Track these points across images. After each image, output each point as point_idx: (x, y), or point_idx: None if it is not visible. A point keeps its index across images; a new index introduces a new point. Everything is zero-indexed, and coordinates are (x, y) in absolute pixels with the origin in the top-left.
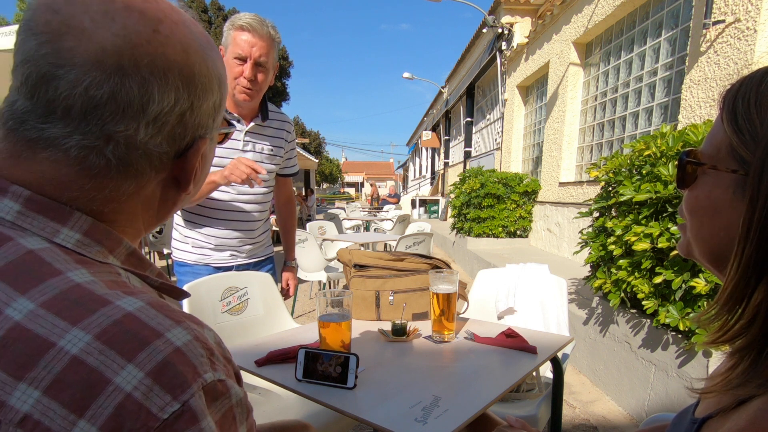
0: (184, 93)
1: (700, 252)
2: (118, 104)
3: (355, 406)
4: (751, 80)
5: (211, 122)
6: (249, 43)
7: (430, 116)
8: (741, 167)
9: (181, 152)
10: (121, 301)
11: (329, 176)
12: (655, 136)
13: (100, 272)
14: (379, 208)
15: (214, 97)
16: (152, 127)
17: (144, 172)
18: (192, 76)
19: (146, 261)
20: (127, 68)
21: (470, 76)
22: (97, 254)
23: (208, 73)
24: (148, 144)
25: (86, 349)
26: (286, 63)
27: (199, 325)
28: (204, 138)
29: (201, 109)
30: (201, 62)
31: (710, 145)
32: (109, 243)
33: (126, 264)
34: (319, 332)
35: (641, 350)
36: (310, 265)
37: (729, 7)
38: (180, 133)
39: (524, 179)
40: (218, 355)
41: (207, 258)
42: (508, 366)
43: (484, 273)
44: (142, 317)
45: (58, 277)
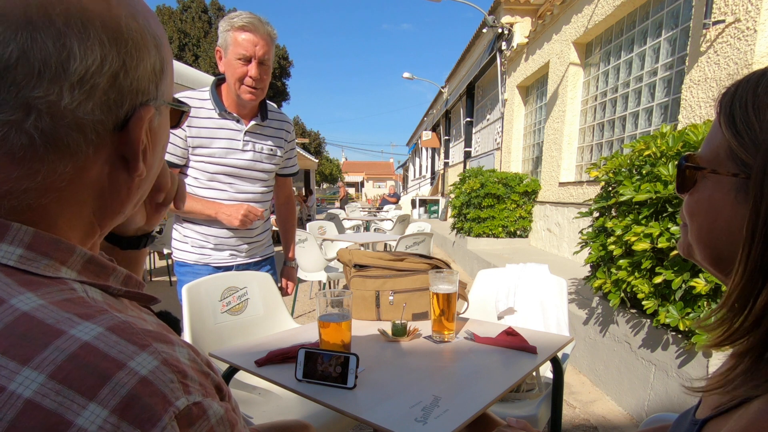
0: (112, 49)
1: (701, 254)
2: (31, 64)
3: (355, 406)
4: (748, 83)
5: (153, 89)
6: (252, 42)
7: (430, 116)
8: (742, 170)
9: (122, 123)
10: (76, 329)
11: (329, 176)
12: (655, 136)
13: (50, 292)
14: (341, 208)
15: (152, 59)
16: (78, 90)
17: (79, 148)
18: (118, 30)
19: (108, 266)
20: (37, 20)
21: (470, 76)
22: (45, 269)
23: (139, 28)
24: (77, 111)
25: (41, 390)
26: (286, 63)
27: (168, 343)
28: (147, 106)
29: (137, 71)
30: (128, 15)
31: (709, 148)
32: (58, 254)
33: (83, 274)
34: (319, 332)
35: (641, 350)
36: (310, 265)
37: (729, 7)
38: (115, 99)
39: (524, 179)
40: (192, 374)
41: (207, 258)
42: (508, 366)
43: (484, 273)
44: (100, 347)
45: (1, 306)
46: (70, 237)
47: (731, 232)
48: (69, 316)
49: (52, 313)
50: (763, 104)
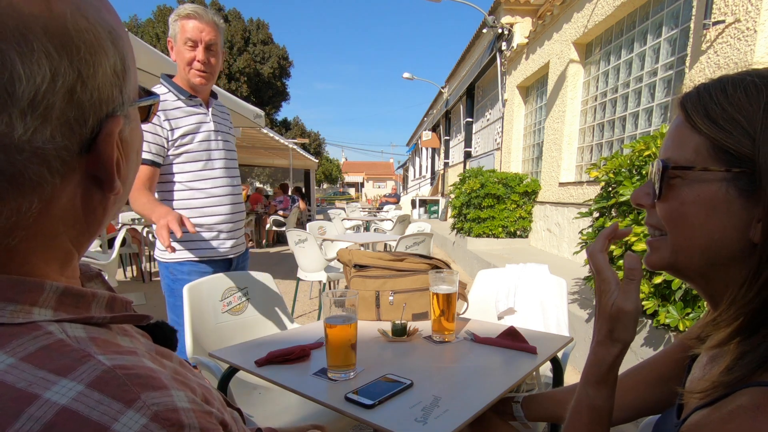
0: (62, 60)
1: (687, 262)
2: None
3: (355, 406)
4: (710, 88)
5: (117, 94)
6: (198, 29)
7: (430, 116)
8: (733, 164)
9: (88, 143)
10: (52, 391)
11: (329, 176)
12: (655, 136)
13: (21, 344)
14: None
15: (110, 60)
16: (31, 116)
17: (44, 180)
18: (66, 34)
19: (87, 294)
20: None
21: (470, 76)
22: (14, 315)
23: (90, 26)
24: (34, 141)
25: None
26: (286, 63)
27: (161, 389)
28: (114, 116)
29: (96, 80)
30: (74, 12)
31: (684, 150)
32: (24, 296)
33: (60, 309)
34: (325, 333)
35: (641, 350)
36: (310, 265)
37: (729, 7)
38: (76, 118)
39: (524, 179)
40: (192, 421)
41: (191, 254)
42: (508, 366)
43: (484, 273)
44: (81, 410)
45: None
46: (47, 272)
47: (725, 231)
48: (43, 375)
49: (24, 373)
50: (739, 102)
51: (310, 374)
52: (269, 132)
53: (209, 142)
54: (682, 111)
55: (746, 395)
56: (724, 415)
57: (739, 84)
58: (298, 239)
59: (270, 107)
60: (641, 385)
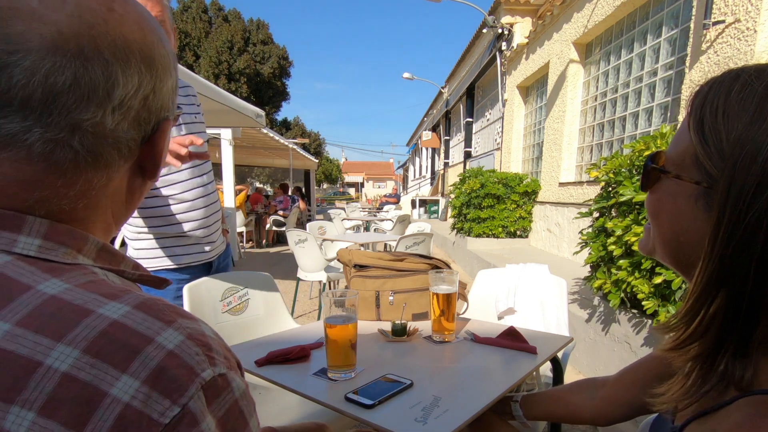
0: (147, 75)
1: (661, 254)
2: (82, 90)
3: (355, 406)
4: (721, 85)
5: (171, 104)
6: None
7: (430, 116)
8: (704, 179)
9: (148, 137)
10: (104, 309)
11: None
12: (655, 136)
13: (74, 277)
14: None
15: (172, 79)
16: (118, 113)
17: (114, 162)
18: (152, 57)
19: (119, 254)
20: (88, 51)
21: (470, 76)
22: (64, 256)
23: (166, 53)
24: (117, 131)
25: (76, 364)
26: (286, 63)
27: (192, 320)
28: (168, 119)
29: (162, 92)
30: (157, 41)
31: (676, 150)
32: (74, 242)
33: (98, 260)
34: (325, 333)
35: (641, 350)
36: (310, 265)
37: (729, 7)
38: (145, 118)
39: (524, 179)
40: (217, 347)
41: (168, 260)
42: (508, 366)
43: (484, 273)
44: (129, 324)
45: (28, 292)
46: (94, 235)
47: (689, 236)
48: (95, 297)
49: (79, 294)
50: (733, 111)
51: (310, 374)
52: (269, 132)
53: (171, 135)
54: (687, 106)
55: (745, 405)
56: (726, 429)
57: (745, 87)
58: (298, 239)
59: (270, 107)
60: (639, 382)
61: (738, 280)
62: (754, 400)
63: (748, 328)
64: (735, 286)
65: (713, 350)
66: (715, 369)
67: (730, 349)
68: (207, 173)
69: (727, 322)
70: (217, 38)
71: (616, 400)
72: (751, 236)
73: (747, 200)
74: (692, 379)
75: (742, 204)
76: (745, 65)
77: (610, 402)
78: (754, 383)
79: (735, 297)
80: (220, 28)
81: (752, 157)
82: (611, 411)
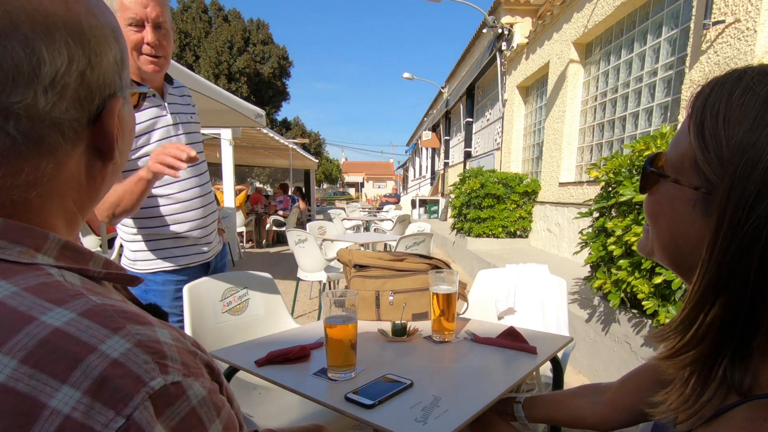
0: (78, 49)
1: (660, 256)
2: (5, 71)
3: (355, 406)
4: (722, 88)
5: (117, 79)
6: (140, 3)
7: (430, 116)
8: (703, 185)
9: (94, 117)
10: (48, 316)
11: (329, 176)
12: (655, 136)
13: (24, 279)
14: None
15: (113, 51)
16: (51, 92)
17: (58, 146)
18: (80, 29)
19: (86, 252)
20: (4, 27)
21: (470, 76)
22: (20, 256)
23: (98, 23)
24: (53, 112)
25: (14, 375)
26: (286, 63)
27: (144, 325)
28: (115, 96)
29: (102, 66)
30: (87, 12)
31: (675, 152)
32: (30, 240)
33: (61, 259)
34: (325, 333)
35: (642, 350)
36: (310, 265)
37: (729, 7)
38: (86, 96)
39: (524, 179)
40: (174, 354)
41: (166, 262)
42: (508, 366)
43: (484, 273)
44: (72, 332)
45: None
46: (55, 227)
47: (687, 239)
48: (41, 303)
49: (25, 300)
50: (734, 116)
51: (310, 374)
52: (269, 132)
53: (169, 138)
54: (688, 107)
55: (747, 410)
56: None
57: (747, 91)
58: (298, 239)
59: (270, 107)
60: (641, 388)
61: (736, 287)
62: (755, 405)
63: (748, 334)
64: (733, 293)
65: (710, 357)
66: (714, 376)
67: (728, 356)
68: (203, 173)
69: (725, 329)
70: (217, 38)
71: (618, 405)
72: (750, 244)
73: (746, 208)
74: (690, 387)
75: (741, 212)
76: (749, 65)
77: (612, 407)
78: (754, 388)
79: (733, 304)
80: (220, 28)
81: (752, 164)
82: (613, 416)
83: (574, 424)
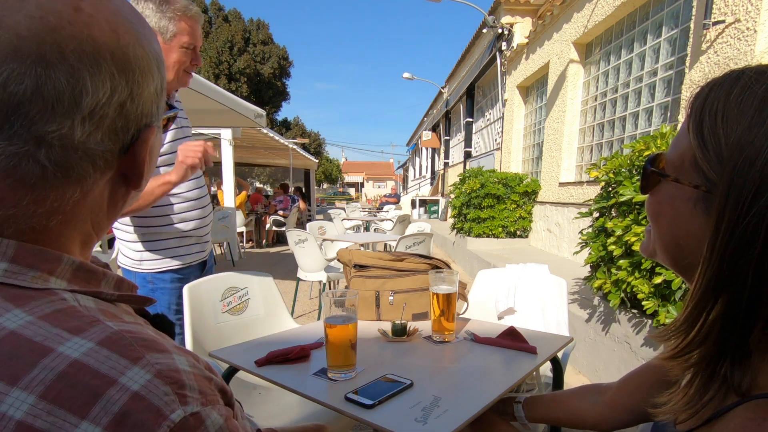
0: (121, 80)
1: (662, 256)
2: (45, 100)
3: (355, 406)
4: (720, 88)
5: (155, 109)
6: (197, 33)
7: (430, 116)
8: (703, 183)
9: (127, 147)
10: (65, 346)
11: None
12: (655, 136)
13: (39, 306)
14: None
15: (155, 82)
16: (89, 123)
17: (88, 175)
18: (127, 60)
19: (98, 272)
20: (50, 56)
21: (470, 77)
22: (33, 281)
23: (145, 54)
24: (88, 142)
25: (32, 411)
26: (286, 63)
27: (163, 352)
28: (151, 127)
29: (142, 97)
30: (135, 43)
31: (675, 152)
32: (45, 264)
33: (74, 282)
34: (325, 333)
35: (642, 350)
36: (310, 265)
37: (729, 7)
38: (123, 126)
39: (524, 179)
40: (192, 383)
41: (174, 261)
42: (508, 366)
43: (484, 273)
44: (91, 363)
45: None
46: (70, 249)
47: (689, 239)
48: (58, 332)
49: (40, 329)
50: (732, 114)
51: (310, 374)
52: (269, 132)
53: (179, 141)
54: (687, 108)
55: (747, 409)
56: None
57: (745, 90)
58: (298, 239)
59: (270, 107)
60: (641, 388)
61: (737, 285)
62: (753, 405)
63: (745, 330)
64: (734, 291)
65: (714, 356)
66: (717, 375)
67: (729, 356)
68: (200, 176)
69: (727, 328)
70: (217, 38)
71: (618, 405)
72: (749, 241)
73: (745, 205)
74: (694, 388)
75: (741, 209)
76: (747, 66)
77: (612, 408)
78: (753, 388)
79: (734, 302)
80: (221, 28)
81: (751, 161)
82: (613, 417)
83: (574, 424)
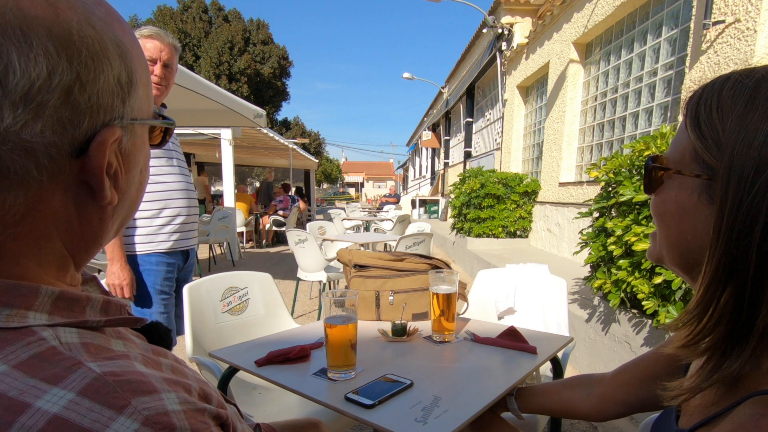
0: (62, 60)
1: (670, 259)
2: None
3: (355, 406)
4: (713, 86)
5: (119, 105)
6: (158, 48)
7: (430, 116)
8: (705, 172)
9: (81, 146)
10: (43, 400)
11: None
12: (655, 136)
13: (14, 351)
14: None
15: (114, 70)
16: (23, 109)
17: (30, 175)
18: (69, 39)
19: (81, 298)
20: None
21: (470, 77)
22: (9, 319)
23: (96, 35)
24: (22, 133)
25: None
26: (286, 63)
27: (151, 393)
28: (111, 126)
29: (96, 85)
30: (81, 21)
31: (675, 150)
32: (20, 300)
33: (55, 313)
34: (326, 333)
35: (641, 350)
36: (310, 265)
37: (729, 7)
38: (70, 118)
39: (524, 179)
40: (183, 424)
41: (159, 245)
42: (508, 366)
43: (484, 273)
44: (72, 418)
45: None
46: (42, 276)
47: (695, 233)
48: (35, 384)
49: (16, 381)
50: (726, 106)
51: (310, 374)
52: (269, 132)
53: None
54: (683, 109)
55: (748, 406)
56: (728, 430)
57: (736, 84)
58: (298, 239)
59: (270, 107)
60: (633, 380)
61: (744, 266)
62: (757, 400)
63: (751, 314)
64: (742, 273)
65: (726, 343)
66: (728, 361)
67: (742, 339)
68: (188, 174)
69: (737, 312)
70: (217, 38)
71: (611, 397)
72: (753, 220)
73: (747, 184)
74: (705, 374)
75: (743, 188)
76: (735, 69)
77: (605, 399)
78: (757, 384)
79: (743, 285)
80: (221, 28)
81: (749, 142)
82: (606, 408)
83: (567, 414)
